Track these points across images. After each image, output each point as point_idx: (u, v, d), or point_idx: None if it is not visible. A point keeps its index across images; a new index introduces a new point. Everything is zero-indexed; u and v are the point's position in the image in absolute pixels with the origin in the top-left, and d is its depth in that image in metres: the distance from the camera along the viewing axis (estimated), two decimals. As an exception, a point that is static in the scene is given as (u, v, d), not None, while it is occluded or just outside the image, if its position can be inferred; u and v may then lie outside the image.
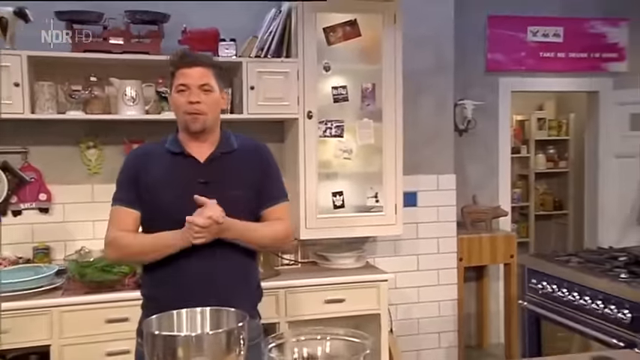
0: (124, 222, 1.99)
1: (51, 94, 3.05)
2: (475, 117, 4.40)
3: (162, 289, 1.96)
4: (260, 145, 2.17)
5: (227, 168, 2.00)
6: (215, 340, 1.21)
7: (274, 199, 2.07)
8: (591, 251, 3.33)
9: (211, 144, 2.02)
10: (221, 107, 2.05)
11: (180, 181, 1.96)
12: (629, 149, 4.79)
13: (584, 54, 4.85)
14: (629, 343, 2.48)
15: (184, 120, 1.96)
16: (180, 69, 1.95)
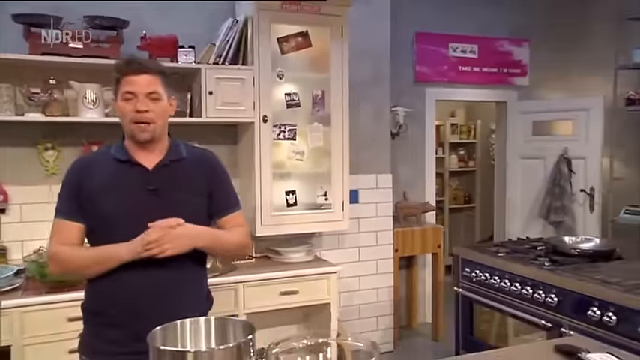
0: (66, 235, 1.74)
1: (9, 96, 2.74)
2: (406, 122, 4.39)
3: (106, 302, 1.71)
4: (208, 154, 1.95)
5: (176, 175, 1.77)
6: (226, 354, 1.06)
7: (231, 207, 1.89)
8: (514, 242, 3.39)
9: (159, 152, 1.78)
10: (168, 114, 1.80)
11: (127, 189, 1.72)
12: (532, 152, 4.96)
13: (495, 69, 4.97)
14: (555, 323, 2.53)
15: (131, 129, 1.72)
16: (126, 75, 1.71)
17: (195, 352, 1.08)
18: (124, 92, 1.71)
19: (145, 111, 1.68)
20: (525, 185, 5.01)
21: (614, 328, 2.22)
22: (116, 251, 1.65)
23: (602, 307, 2.31)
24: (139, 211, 1.65)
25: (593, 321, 2.32)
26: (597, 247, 2.95)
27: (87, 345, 1.75)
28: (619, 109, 4.45)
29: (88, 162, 1.84)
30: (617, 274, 2.49)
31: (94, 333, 1.74)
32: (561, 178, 4.66)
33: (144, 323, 1.48)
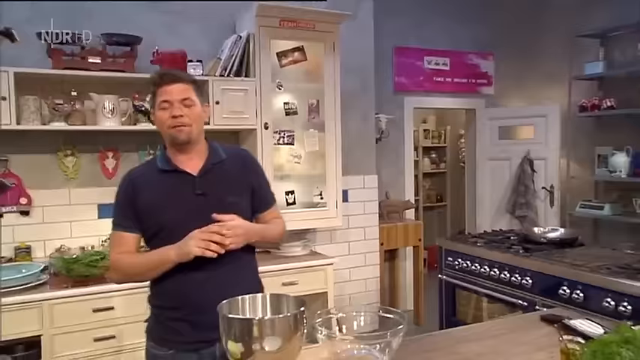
0: (123, 245, 1.74)
1: (35, 107, 2.79)
2: (387, 128, 4.56)
3: (168, 300, 1.71)
4: (244, 152, 1.96)
5: (220, 177, 1.75)
6: (285, 322, 1.18)
7: (270, 201, 1.90)
8: (489, 233, 3.57)
9: (200, 156, 1.76)
10: (203, 119, 1.79)
11: (177, 197, 1.71)
12: (498, 154, 5.18)
13: (465, 79, 5.19)
14: (531, 303, 2.69)
15: (169, 134, 1.71)
16: (161, 87, 1.71)
17: (259, 320, 1.20)
18: (160, 102, 1.71)
19: (180, 116, 1.68)
20: (493, 184, 5.23)
21: (582, 304, 2.40)
22: (166, 254, 1.63)
23: (571, 287, 2.49)
24: (191, 216, 1.64)
25: (563, 299, 2.50)
26: (563, 236, 3.15)
27: (152, 332, 1.77)
28: (573, 116, 4.68)
29: (136, 175, 1.80)
30: (582, 258, 2.68)
31: (158, 323, 1.75)
32: (525, 177, 4.89)
33: (204, 316, 1.58)
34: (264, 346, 1.15)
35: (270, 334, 1.16)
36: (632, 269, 2.44)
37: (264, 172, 1.93)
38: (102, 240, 3.18)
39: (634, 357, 1.14)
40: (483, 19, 5.15)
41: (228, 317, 1.20)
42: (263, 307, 1.33)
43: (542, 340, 1.56)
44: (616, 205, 4.38)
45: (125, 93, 3.07)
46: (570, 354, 1.27)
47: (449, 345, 1.55)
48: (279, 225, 1.89)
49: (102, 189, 3.23)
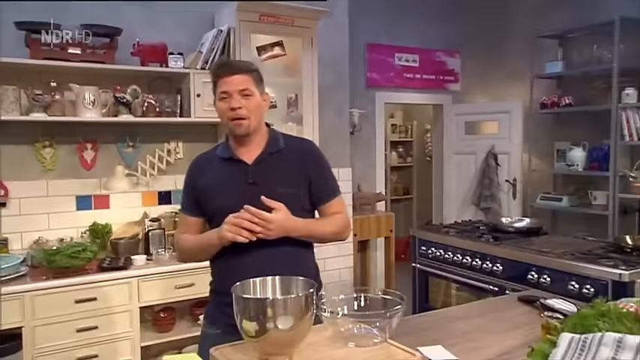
0: (186, 226, 1.85)
1: (15, 97, 2.75)
2: (360, 122, 4.66)
3: (223, 284, 1.68)
4: (307, 143, 1.92)
5: (274, 167, 1.75)
6: (297, 302, 1.26)
7: (330, 194, 1.83)
8: (459, 224, 3.73)
9: (258, 146, 1.78)
10: (263, 109, 1.79)
11: (230, 184, 1.75)
12: (465, 148, 5.37)
13: (433, 76, 5.35)
14: (501, 288, 2.86)
15: (229, 126, 1.76)
16: (221, 78, 1.73)
17: (273, 300, 1.26)
18: (220, 93, 1.73)
19: (239, 108, 1.70)
20: (459, 177, 5.43)
21: (549, 288, 2.56)
22: (209, 238, 1.71)
23: (539, 272, 2.66)
24: (241, 203, 1.63)
25: (532, 283, 2.66)
26: (529, 225, 3.34)
27: (210, 315, 1.82)
28: (534, 112, 4.90)
29: (200, 161, 1.86)
30: (547, 246, 2.86)
31: (215, 307, 1.80)
32: (489, 170, 5.10)
33: None
34: (277, 325, 1.22)
35: (283, 314, 1.23)
36: (594, 255, 2.63)
37: (326, 165, 1.87)
38: (81, 232, 3.16)
39: (610, 327, 1.27)
40: (452, 19, 5.32)
41: (243, 297, 1.26)
42: (273, 289, 1.39)
43: (522, 318, 1.69)
44: (573, 197, 4.63)
45: (105, 84, 3.05)
46: (551, 328, 1.39)
47: (439, 324, 1.66)
48: (337, 221, 1.81)
49: (80, 180, 3.20)
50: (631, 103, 4.07)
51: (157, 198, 3.44)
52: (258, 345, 1.26)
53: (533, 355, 1.29)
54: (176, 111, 3.18)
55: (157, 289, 2.95)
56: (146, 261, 3.04)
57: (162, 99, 3.14)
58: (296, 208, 1.70)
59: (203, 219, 1.82)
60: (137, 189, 3.32)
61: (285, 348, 1.27)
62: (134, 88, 3.11)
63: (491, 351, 1.42)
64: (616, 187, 4.17)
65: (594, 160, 4.44)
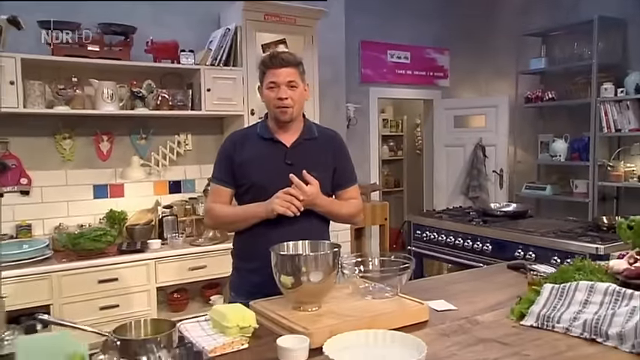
0: (219, 197, 1.98)
1: (40, 91, 2.94)
2: (355, 116, 4.91)
3: (250, 253, 1.93)
4: (335, 134, 2.10)
5: (309, 152, 1.94)
6: (327, 258, 1.50)
7: (348, 182, 2.03)
8: (450, 210, 4.00)
9: (296, 131, 1.96)
10: (304, 99, 1.97)
11: (269, 162, 1.92)
12: (454, 141, 5.65)
13: (423, 72, 5.62)
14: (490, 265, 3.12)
15: (275, 112, 1.92)
16: (270, 69, 1.89)
17: (306, 256, 1.51)
18: (269, 82, 1.88)
19: (285, 98, 1.86)
20: (449, 168, 5.71)
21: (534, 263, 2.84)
22: (255, 211, 1.86)
23: (525, 249, 2.93)
24: (278, 180, 1.82)
25: (518, 260, 2.92)
26: (515, 209, 3.61)
27: (234, 285, 2.01)
28: (519, 106, 5.19)
29: (240, 136, 2.02)
30: (533, 226, 3.14)
31: (240, 277, 1.99)
32: (477, 162, 5.39)
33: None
34: (309, 278, 1.46)
35: (314, 269, 1.47)
36: (574, 233, 2.92)
37: (348, 155, 2.08)
38: (99, 219, 3.36)
39: (584, 278, 1.54)
40: (441, 18, 5.59)
41: (282, 255, 1.50)
42: (303, 249, 1.63)
43: (511, 280, 1.95)
44: (556, 185, 4.94)
45: (121, 80, 3.25)
46: (536, 283, 1.65)
47: (439, 285, 1.91)
48: (352, 205, 2.02)
49: (97, 170, 3.40)
50: (609, 97, 4.37)
51: (168, 187, 3.65)
52: (293, 295, 1.50)
53: (522, 302, 1.56)
54: (188, 105, 3.39)
55: (172, 270, 3.17)
56: (161, 245, 3.26)
57: (175, 93, 3.35)
58: (321, 191, 1.90)
59: (234, 190, 1.97)
60: (150, 178, 3.54)
61: (315, 298, 1.51)
62: (149, 82, 3.32)
63: (485, 303, 1.68)
64: (595, 175, 4.48)
65: (575, 151, 4.74)
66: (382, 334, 1.34)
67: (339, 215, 2.00)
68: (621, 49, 4.52)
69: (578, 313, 1.42)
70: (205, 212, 2.07)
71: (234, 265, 2.07)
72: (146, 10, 3.48)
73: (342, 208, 2.01)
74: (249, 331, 1.40)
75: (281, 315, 1.46)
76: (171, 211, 3.47)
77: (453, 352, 1.31)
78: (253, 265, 1.90)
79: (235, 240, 2.05)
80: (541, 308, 1.48)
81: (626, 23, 4.49)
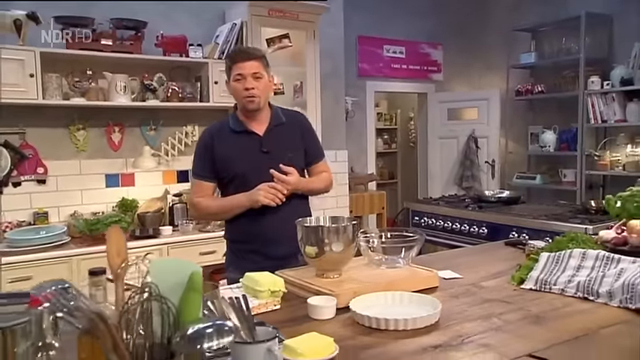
0: (201, 191, 2.11)
1: (58, 84, 3.06)
2: (353, 109, 5.06)
3: (242, 234, 2.09)
4: (298, 114, 2.30)
5: (280, 137, 2.09)
6: (347, 230, 1.65)
7: (318, 157, 2.21)
8: (447, 197, 4.17)
9: (265, 119, 2.10)
10: (270, 89, 2.14)
11: (246, 153, 2.05)
12: (447, 133, 5.83)
13: (418, 67, 5.78)
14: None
15: (243, 103, 2.05)
16: (236, 63, 2.02)
17: (329, 226, 1.66)
18: (235, 75, 2.02)
19: (252, 88, 2.00)
20: (442, 160, 5.89)
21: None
22: (240, 201, 2.01)
23: (518, 232, 3.11)
24: (257, 168, 1.99)
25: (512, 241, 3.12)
26: (509, 195, 3.80)
27: (230, 263, 2.15)
28: (510, 99, 5.38)
29: (216, 130, 2.13)
30: (525, 211, 3.33)
31: (235, 255, 2.15)
32: (470, 153, 5.57)
33: (271, 247, 2.01)
34: (332, 249, 1.62)
35: (336, 240, 1.63)
36: (564, 215, 3.11)
37: (315, 133, 2.27)
38: (112, 206, 3.49)
39: (577, 245, 1.71)
40: (435, 14, 5.76)
41: (306, 226, 1.65)
42: (325, 223, 1.78)
43: (510, 255, 2.12)
44: (545, 175, 5.14)
45: (133, 72, 3.38)
46: (534, 253, 1.82)
47: (445, 260, 2.08)
48: (324, 179, 2.21)
49: (108, 160, 3.53)
50: (595, 90, 4.57)
51: (176, 176, 3.79)
52: (317, 263, 1.66)
53: (521, 270, 1.73)
54: (197, 97, 3.52)
55: (183, 255, 3.30)
56: (172, 231, 3.40)
57: (184, 86, 3.48)
58: (298, 168, 2.08)
59: (216, 183, 2.11)
60: (159, 168, 3.67)
61: (337, 266, 1.67)
62: (160, 75, 3.45)
63: (488, 272, 1.84)
64: (583, 165, 4.68)
65: (564, 142, 4.94)
66: (400, 295, 1.50)
67: (316, 189, 2.20)
68: (607, 43, 4.72)
69: (572, 277, 1.59)
70: (190, 206, 2.20)
71: (228, 247, 2.20)
72: (155, 6, 3.59)
73: (317, 183, 2.19)
74: (279, 295, 1.55)
75: (308, 281, 1.62)
76: (181, 199, 3.60)
77: (463, 308, 1.47)
78: (248, 247, 2.09)
79: (227, 225, 2.18)
80: (539, 273, 1.66)
81: (612, 19, 4.68)
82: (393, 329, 1.31)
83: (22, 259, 2.81)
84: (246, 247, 2.09)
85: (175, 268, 0.77)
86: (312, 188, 2.17)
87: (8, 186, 3.16)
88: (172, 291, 0.70)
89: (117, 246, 0.97)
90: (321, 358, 1.12)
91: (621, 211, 1.84)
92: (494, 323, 1.35)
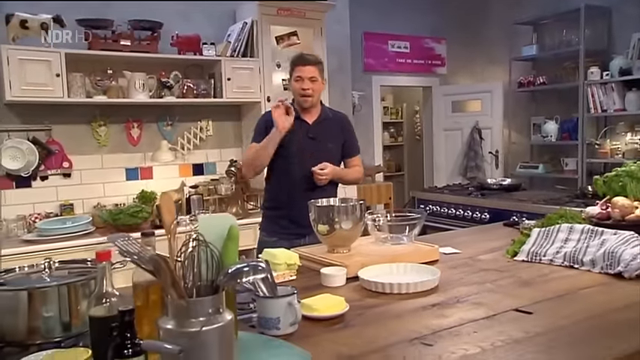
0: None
1: (81, 83, 3.24)
2: (360, 103, 5.22)
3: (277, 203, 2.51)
4: (344, 116, 2.72)
5: (326, 129, 2.51)
6: (355, 209, 1.82)
7: (354, 152, 2.62)
8: (451, 186, 4.33)
9: (316, 113, 2.53)
10: (322, 90, 2.54)
11: (297, 135, 2.44)
12: (452, 125, 5.97)
13: (422, 61, 5.92)
14: (488, 230, 3.45)
15: (299, 100, 2.47)
16: (297, 66, 2.46)
17: (338, 206, 1.83)
18: (296, 76, 2.45)
19: (307, 89, 2.43)
20: (447, 151, 6.03)
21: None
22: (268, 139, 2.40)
23: (519, 216, 3.26)
24: (303, 149, 2.43)
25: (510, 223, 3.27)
26: (510, 183, 3.95)
27: (264, 226, 2.57)
28: (513, 91, 5.50)
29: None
30: (525, 197, 3.48)
31: (270, 221, 2.55)
32: (474, 144, 5.71)
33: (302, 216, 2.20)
34: (342, 226, 1.79)
35: (345, 219, 1.80)
36: (562, 200, 3.25)
37: (353, 132, 2.69)
38: (132, 198, 3.67)
39: (566, 221, 1.87)
40: (438, 9, 5.89)
41: (318, 206, 1.82)
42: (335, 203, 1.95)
43: (507, 234, 2.27)
44: (548, 164, 5.27)
45: (150, 71, 3.55)
46: (527, 229, 1.98)
47: (446, 239, 2.24)
48: (356, 172, 2.63)
49: (128, 155, 3.71)
50: (595, 80, 4.69)
51: (192, 169, 3.97)
52: (328, 240, 1.83)
53: (515, 244, 1.89)
54: (210, 93, 3.70)
55: (200, 243, 3.48)
56: (189, 221, 3.57)
57: (199, 83, 3.66)
58: (336, 158, 2.54)
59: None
60: (176, 161, 3.85)
61: (346, 242, 1.84)
62: (175, 73, 3.62)
63: (485, 248, 2.00)
64: (584, 153, 4.81)
65: (565, 132, 5.07)
66: (403, 265, 1.67)
67: (347, 180, 2.63)
68: (606, 35, 4.84)
69: (560, 248, 1.75)
70: (243, 165, 2.65)
71: (263, 214, 2.63)
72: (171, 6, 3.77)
73: (350, 174, 2.61)
74: (295, 268, 1.72)
75: (320, 256, 1.79)
76: (197, 190, 3.79)
77: (461, 276, 1.64)
78: (281, 212, 2.50)
79: (267, 195, 2.62)
80: (530, 246, 1.81)
81: (611, 11, 4.80)
82: (396, 292, 1.48)
83: (51, 247, 2.99)
84: (279, 213, 2.50)
85: (217, 223, 0.94)
86: (344, 177, 2.57)
87: (36, 179, 3.38)
88: (215, 241, 0.87)
89: (168, 208, 1.17)
90: (333, 313, 1.29)
91: (607, 190, 1.99)
92: (487, 287, 1.51)
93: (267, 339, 1.15)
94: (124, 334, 0.90)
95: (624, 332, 1.16)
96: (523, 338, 1.13)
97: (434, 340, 1.14)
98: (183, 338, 0.79)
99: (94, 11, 3.38)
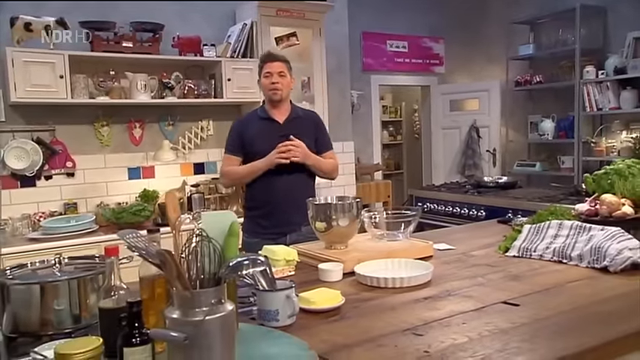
0: (230, 163, 2.59)
1: (85, 84, 3.30)
2: (358, 102, 5.27)
3: (258, 202, 2.56)
4: (314, 114, 2.81)
5: (297, 127, 2.55)
6: (352, 207, 1.88)
7: (327, 147, 2.68)
8: (448, 184, 4.39)
9: (286, 112, 2.60)
10: (290, 86, 2.61)
11: (268, 136, 2.50)
12: (450, 123, 6.03)
13: (420, 60, 5.98)
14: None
15: (269, 94, 2.55)
16: (266, 63, 2.56)
17: (336, 203, 1.89)
18: (265, 72, 2.54)
19: (277, 83, 2.51)
20: (445, 149, 6.09)
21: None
22: (259, 165, 2.48)
23: (514, 213, 3.29)
24: (275, 148, 2.44)
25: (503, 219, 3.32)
26: (506, 181, 4.01)
27: (246, 227, 2.56)
28: (510, 90, 5.56)
29: (246, 118, 2.72)
30: (521, 194, 3.54)
31: (251, 222, 2.58)
32: (472, 142, 5.77)
33: (281, 214, 2.41)
34: (339, 223, 1.85)
35: (342, 216, 1.86)
36: (556, 197, 3.31)
37: (325, 128, 2.76)
38: (135, 197, 3.74)
39: (556, 218, 1.93)
40: (436, 9, 5.95)
41: (316, 204, 1.88)
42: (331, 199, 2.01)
43: (500, 231, 2.33)
44: (545, 162, 5.33)
45: (152, 72, 3.61)
46: (519, 226, 2.04)
47: (441, 235, 2.30)
48: (331, 163, 2.67)
49: (130, 154, 3.77)
50: (591, 79, 4.75)
51: (193, 168, 4.03)
52: (326, 237, 1.89)
53: (507, 240, 1.95)
54: (211, 93, 3.76)
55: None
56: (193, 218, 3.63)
57: (199, 83, 3.72)
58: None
59: (242, 158, 2.57)
60: (177, 161, 3.91)
61: (344, 239, 1.90)
62: (177, 74, 3.68)
63: (478, 244, 2.06)
64: (580, 151, 4.87)
65: (562, 130, 5.13)
66: (398, 261, 1.73)
67: (322, 169, 2.61)
68: (602, 34, 4.90)
69: (549, 244, 1.81)
70: (221, 175, 2.73)
71: (245, 214, 2.65)
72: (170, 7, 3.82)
73: (325, 164, 2.63)
74: (293, 264, 1.79)
75: (318, 252, 1.85)
76: (198, 189, 3.85)
77: (453, 271, 1.70)
78: (260, 212, 2.55)
79: (247, 196, 2.67)
80: (521, 242, 1.88)
81: (606, 10, 4.85)
82: (391, 287, 1.54)
83: (55, 245, 3.05)
84: (258, 213, 2.54)
85: (219, 219, 1.01)
86: (319, 164, 2.58)
87: (41, 179, 3.44)
88: (217, 236, 0.94)
89: (173, 205, 1.24)
90: (330, 306, 1.35)
91: (597, 188, 2.05)
92: (477, 281, 1.58)
93: (266, 330, 1.21)
94: (132, 324, 0.97)
95: (607, 322, 1.22)
96: (509, 328, 1.19)
97: (425, 331, 1.20)
98: (187, 327, 0.86)
99: (96, 13, 3.45)
